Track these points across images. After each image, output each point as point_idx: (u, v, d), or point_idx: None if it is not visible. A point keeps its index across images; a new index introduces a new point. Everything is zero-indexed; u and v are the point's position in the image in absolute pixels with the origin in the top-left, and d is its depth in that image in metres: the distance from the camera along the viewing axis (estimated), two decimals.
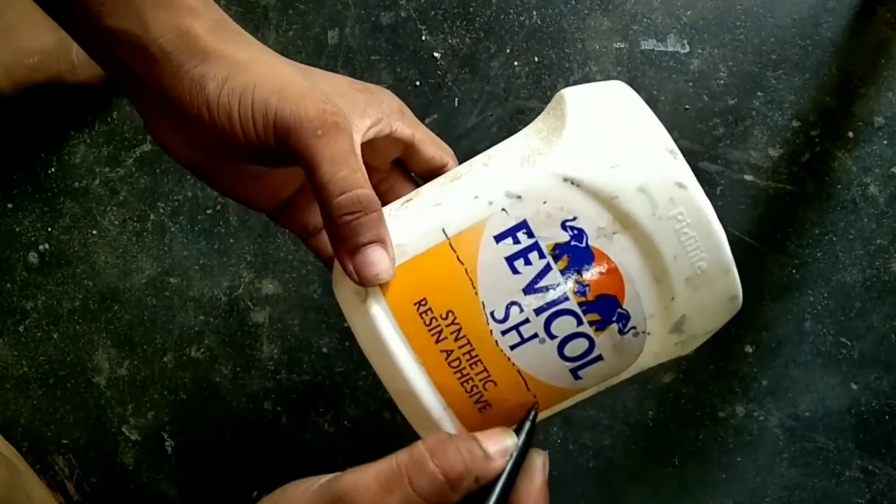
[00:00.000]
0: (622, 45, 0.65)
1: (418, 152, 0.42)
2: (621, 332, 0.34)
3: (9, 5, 0.67)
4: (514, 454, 0.33)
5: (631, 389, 0.65)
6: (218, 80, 0.34)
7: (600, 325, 0.34)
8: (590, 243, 0.34)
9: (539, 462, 0.34)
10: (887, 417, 0.63)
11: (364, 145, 0.38)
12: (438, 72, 0.67)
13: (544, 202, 0.34)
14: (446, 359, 0.35)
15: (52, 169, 0.72)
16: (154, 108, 0.36)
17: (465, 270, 0.35)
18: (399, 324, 0.35)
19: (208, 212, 0.70)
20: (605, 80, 0.65)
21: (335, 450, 0.68)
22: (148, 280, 0.71)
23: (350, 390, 0.68)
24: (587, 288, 0.34)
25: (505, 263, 0.35)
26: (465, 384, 0.35)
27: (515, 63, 0.66)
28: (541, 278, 0.34)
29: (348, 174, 0.34)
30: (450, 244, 0.35)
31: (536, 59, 0.66)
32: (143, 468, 0.71)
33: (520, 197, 0.35)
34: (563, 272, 0.34)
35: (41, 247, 0.72)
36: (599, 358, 0.35)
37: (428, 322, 0.35)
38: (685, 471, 0.65)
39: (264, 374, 0.69)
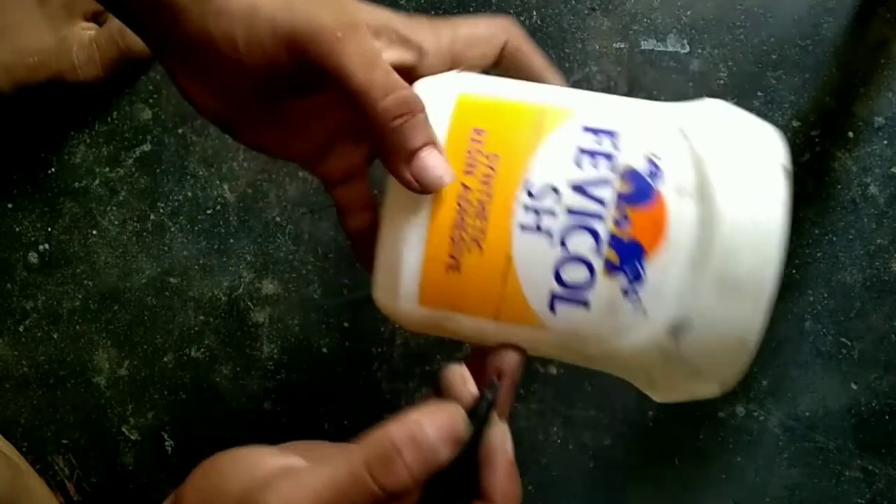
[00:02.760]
0: (622, 45, 0.65)
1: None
2: (624, 291, 0.31)
3: (9, 5, 0.67)
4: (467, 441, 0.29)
5: (631, 389, 0.65)
6: (222, 14, 0.33)
7: (612, 267, 0.31)
8: (659, 187, 0.32)
9: (498, 440, 0.30)
10: (887, 417, 0.63)
11: None
12: None
13: (645, 128, 0.33)
14: (460, 191, 0.33)
15: (52, 169, 0.72)
16: (178, 62, 0.36)
17: (540, 133, 0.33)
18: (448, 133, 0.34)
19: (208, 212, 0.70)
20: (605, 79, 0.65)
21: None
22: (148, 280, 0.70)
23: (350, 390, 0.68)
24: (628, 222, 0.32)
25: (575, 150, 0.33)
26: (456, 227, 0.33)
27: None
28: (595, 185, 0.32)
29: (385, 75, 0.32)
30: (541, 108, 0.34)
31: None
32: (143, 468, 0.71)
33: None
34: (618, 194, 0.32)
35: (41, 247, 0.72)
36: (586, 304, 0.31)
37: (470, 149, 0.33)
38: (685, 471, 0.65)
39: (264, 374, 0.69)
